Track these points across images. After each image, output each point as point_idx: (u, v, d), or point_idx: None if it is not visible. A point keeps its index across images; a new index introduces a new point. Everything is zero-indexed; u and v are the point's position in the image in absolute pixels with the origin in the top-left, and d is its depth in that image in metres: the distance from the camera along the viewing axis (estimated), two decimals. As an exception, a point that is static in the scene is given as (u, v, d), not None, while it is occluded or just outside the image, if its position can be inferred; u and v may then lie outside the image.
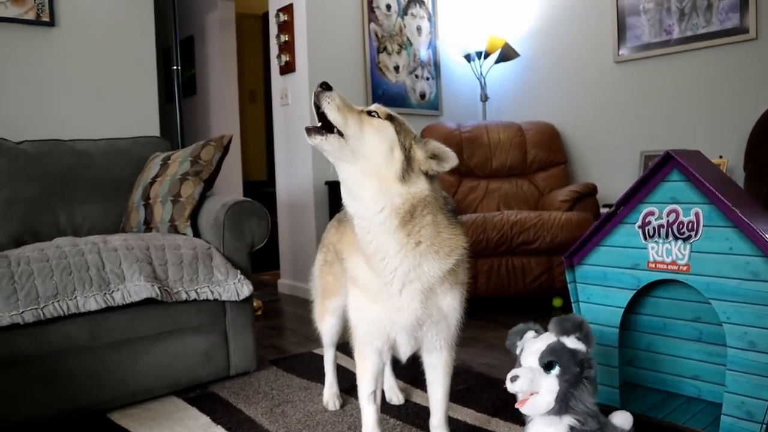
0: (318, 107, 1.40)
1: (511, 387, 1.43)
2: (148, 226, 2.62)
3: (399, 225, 1.43)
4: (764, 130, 3.27)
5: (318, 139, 1.39)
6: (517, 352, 1.54)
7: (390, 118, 1.47)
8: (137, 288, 2.12)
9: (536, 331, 1.56)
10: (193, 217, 2.55)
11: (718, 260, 1.80)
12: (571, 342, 1.46)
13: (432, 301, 1.52)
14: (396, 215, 1.43)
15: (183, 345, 2.30)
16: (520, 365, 1.49)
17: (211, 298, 2.30)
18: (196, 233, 2.54)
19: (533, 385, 1.42)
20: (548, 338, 1.49)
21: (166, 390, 2.28)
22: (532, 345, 1.49)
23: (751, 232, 1.72)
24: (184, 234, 2.49)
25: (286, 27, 4.21)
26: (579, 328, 1.48)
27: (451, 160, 1.49)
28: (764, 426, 1.74)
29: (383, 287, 1.49)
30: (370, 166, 1.42)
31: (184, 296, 2.23)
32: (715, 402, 2.02)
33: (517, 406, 1.46)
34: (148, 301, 2.16)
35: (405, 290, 1.48)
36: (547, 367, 1.44)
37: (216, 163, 2.67)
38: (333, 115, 1.38)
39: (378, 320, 1.54)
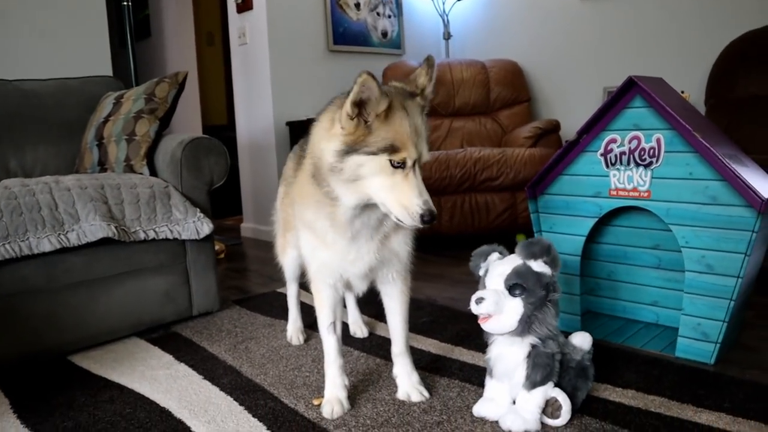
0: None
1: (475, 309, 1.44)
2: (102, 166, 2.53)
3: None
4: (725, 65, 3.29)
5: None
6: (481, 273, 1.55)
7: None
8: (93, 228, 2.05)
9: (500, 253, 1.57)
10: (150, 156, 2.47)
11: (678, 186, 1.82)
12: (537, 265, 1.47)
13: (385, 246, 1.52)
14: None
15: (144, 285, 2.26)
16: (484, 287, 1.50)
17: (170, 237, 2.25)
18: (153, 172, 2.46)
19: (498, 307, 1.43)
20: (514, 261, 1.49)
21: (128, 331, 2.25)
22: (498, 267, 1.49)
23: (711, 157, 1.73)
24: (141, 173, 2.42)
25: (242, -39, 4.04)
26: (547, 252, 1.48)
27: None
28: (718, 346, 1.79)
29: (345, 243, 1.48)
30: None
31: (142, 236, 2.18)
32: (672, 326, 2.08)
33: (480, 321, 1.47)
34: (105, 242, 2.10)
35: (366, 245, 1.49)
36: (513, 289, 1.44)
37: (171, 100, 2.58)
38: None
39: (329, 264, 1.53)
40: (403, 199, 1.30)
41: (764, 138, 2.99)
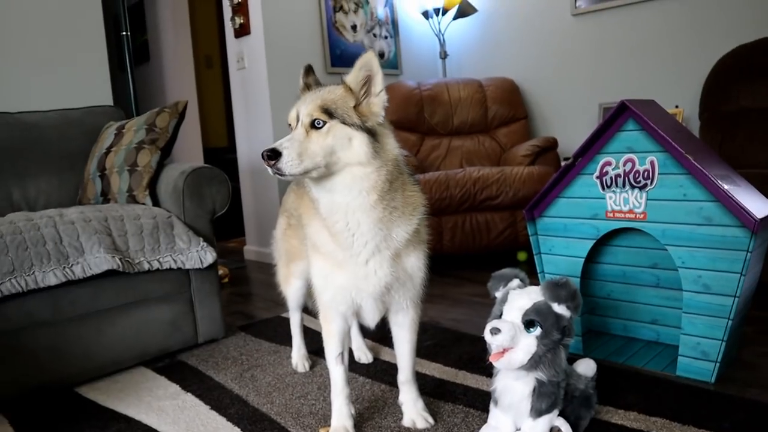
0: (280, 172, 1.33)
1: (490, 339, 1.42)
2: (105, 197, 2.57)
3: (378, 199, 1.41)
4: (718, 79, 3.32)
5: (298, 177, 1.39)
6: (498, 296, 1.54)
7: (326, 111, 1.38)
8: (97, 260, 2.08)
9: (522, 280, 1.56)
10: (152, 186, 2.50)
11: (672, 207, 1.84)
12: (559, 308, 1.45)
13: (398, 265, 1.51)
14: (374, 191, 1.41)
15: (149, 315, 2.28)
16: (499, 314, 1.49)
17: (174, 267, 2.28)
18: (156, 202, 2.49)
19: (513, 341, 1.41)
20: (535, 296, 1.47)
21: (134, 361, 2.27)
22: (518, 299, 1.47)
23: (704, 178, 1.76)
24: (144, 204, 2.45)
25: (239, -12, 4.10)
26: (572, 298, 1.46)
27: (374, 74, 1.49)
28: (718, 364, 1.81)
29: (349, 258, 1.47)
30: (346, 166, 1.39)
31: (146, 266, 2.21)
32: (673, 344, 2.10)
33: (491, 359, 1.45)
34: (110, 273, 2.13)
35: (373, 259, 1.47)
36: (529, 325, 1.43)
37: (172, 130, 2.62)
38: (300, 171, 1.34)
39: (344, 287, 1.51)
40: None
41: (755, 151, 3.02)
